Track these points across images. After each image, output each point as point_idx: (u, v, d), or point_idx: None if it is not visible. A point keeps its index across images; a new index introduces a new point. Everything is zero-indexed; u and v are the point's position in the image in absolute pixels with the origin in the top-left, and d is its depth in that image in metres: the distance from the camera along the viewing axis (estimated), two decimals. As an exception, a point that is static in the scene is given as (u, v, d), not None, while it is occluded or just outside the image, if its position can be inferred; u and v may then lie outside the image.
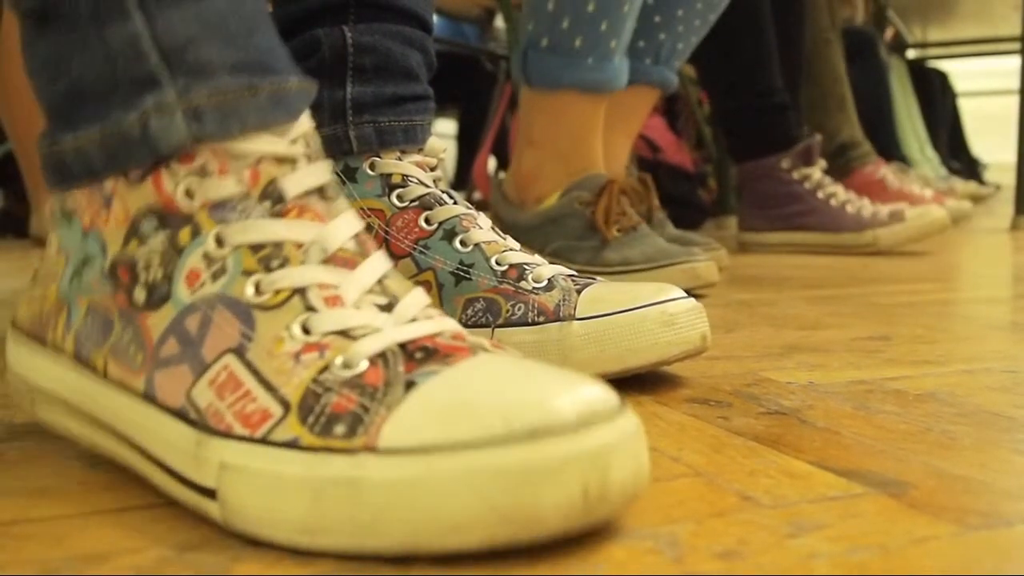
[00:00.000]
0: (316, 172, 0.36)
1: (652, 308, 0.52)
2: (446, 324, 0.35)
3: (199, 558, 0.30)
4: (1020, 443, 0.42)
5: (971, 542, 0.31)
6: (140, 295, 0.35)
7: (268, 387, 0.32)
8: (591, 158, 1.00)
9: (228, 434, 0.32)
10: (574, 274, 0.56)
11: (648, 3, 1.09)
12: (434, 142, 0.61)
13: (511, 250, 0.57)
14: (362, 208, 0.57)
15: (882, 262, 1.34)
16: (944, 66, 4.03)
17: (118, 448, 0.36)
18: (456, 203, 0.58)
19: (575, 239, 0.95)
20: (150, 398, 0.34)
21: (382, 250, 0.37)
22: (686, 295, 0.54)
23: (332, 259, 0.35)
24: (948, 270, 1.27)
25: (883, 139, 2.57)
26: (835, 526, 0.32)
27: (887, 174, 1.90)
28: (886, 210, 1.49)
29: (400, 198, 0.57)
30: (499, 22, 2.73)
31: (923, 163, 3.18)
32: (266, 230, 0.34)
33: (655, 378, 0.55)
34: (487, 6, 2.74)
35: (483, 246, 0.56)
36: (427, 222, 0.57)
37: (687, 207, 1.88)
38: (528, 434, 0.28)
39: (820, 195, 1.52)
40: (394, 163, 0.58)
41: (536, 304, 0.53)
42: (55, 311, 0.39)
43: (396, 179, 0.58)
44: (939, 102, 3.68)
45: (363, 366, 0.32)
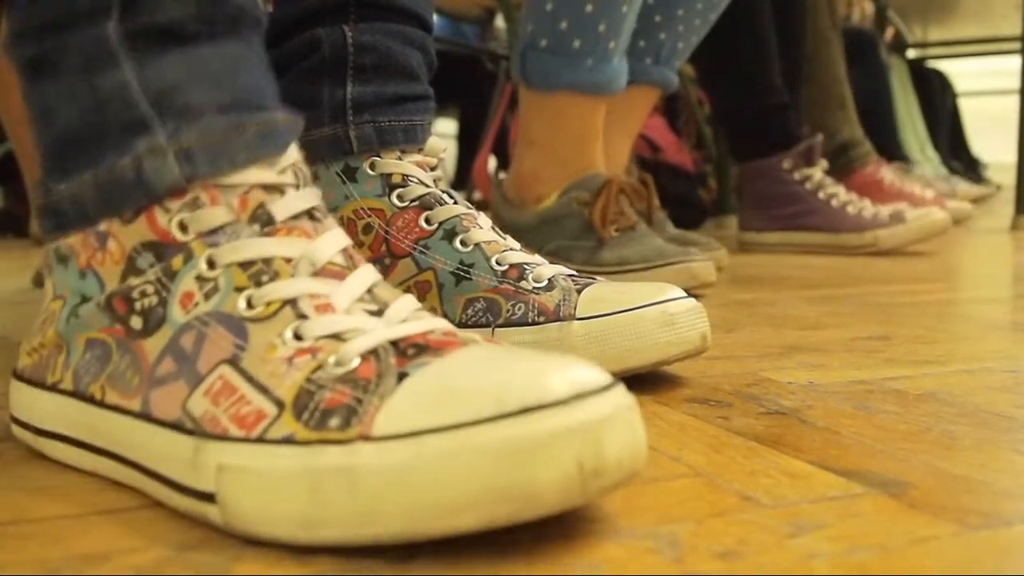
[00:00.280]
0: (304, 197, 0.37)
1: (652, 308, 0.52)
2: (437, 323, 0.35)
3: (199, 558, 0.30)
4: (1020, 443, 0.42)
5: (971, 542, 0.31)
6: (137, 323, 0.36)
7: (262, 390, 0.32)
8: (590, 159, 1.00)
9: (224, 437, 0.32)
10: (574, 274, 0.56)
11: (648, 3, 1.09)
12: (434, 142, 0.61)
13: (511, 250, 0.57)
14: (362, 208, 0.57)
15: (882, 262, 1.34)
16: (944, 66, 4.03)
17: (118, 470, 0.36)
18: (456, 203, 0.58)
19: (572, 239, 0.95)
20: (146, 416, 0.35)
21: (370, 264, 0.38)
22: (686, 295, 0.54)
23: (321, 272, 0.35)
24: (948, 270, 1.27)
25: (884, 139, 2.57)
26: (835, 526, 0.32)
27: (887, 174, 1.90)
28: (887, 211, 1.49)
29: (400, 198, 0.57)
30: (499, 22, 2.73)
31: (923, 163, 3.18)
32: (255, 248, 0.35)
33: (655, 378, 0.55)
34: (487, 6, 2.74)
35: (483, 246, 0.56)
36: (427, 222, 0.57)
37: (687, 207, 1.88)
38: (520, 410, 0.28)
39: (821, 196, 1.52)
40: (394, 163, 0.58)
41: (536, 304, 0.53)
42: (54, 352, 0.39)
43: (396, 179, 0.58)
44: (939, 102, 3.68)
45: (356, 363, 0.32)
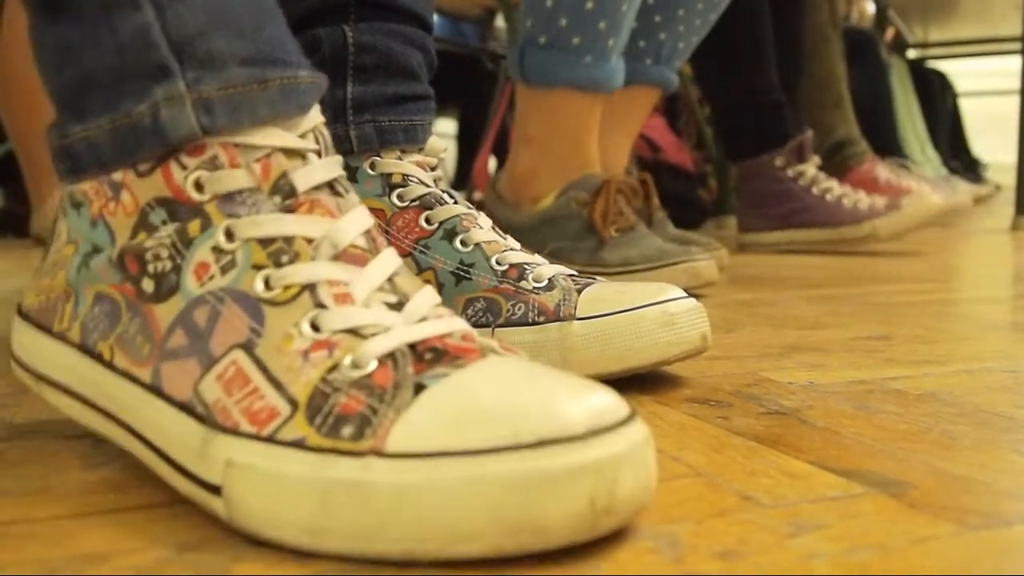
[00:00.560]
0: (327, 166, 0.36)
1: (652, 308, 0.52)
2: (456, 324, 0.34)
3: (199, 558, 0.30)
4: (1020, 443, 0.42)
5: (971, 542, 0.31)
6: (148, 285, 0.35)
7: (276, 385, 0.32)
8: (587, 157, 0.99)
9: (235, 431, 0.31)
10: (575, 274, 0.56)
11: (648, 3, 1.09)
12: (434, 142, 0.61)
13: (511, 250, 0.57)
14: (362, 208, 0.57)
15: (882, 262, 1.35)
16: (945, 66, 4.03)
17: (123, 437, 0.36)
18: (456, 203, 0.58)
19: (573, 240, 0.95)
20: (156, 389, 0.34)
21: (392, 248, 0.37)
22: (686, 295, 0.54)
23: (342, 255, 0.34)
24: (948, 270, 1.27)
25: (884, 139, 2.57)
26: (835, 526, 0.32)
27: (883, 172, 1.90)
28: (882, 201, 1.50)
29: (400, 198, 0.57)
30: (500, 21, 2.73)
31: (924, 163, 3.18)
32: (277, 225, 0.34)
33: (655, 378, 0.55)
34: (487, 6, 2.74)
35: (483, 246, 0.56)
36: (427, 222, 0.57)
37: (687, 207, 1.89)
38: (536, 443, 0.28)
39: (815, 191, 1.52)
40: (394, 163, 0.58)
41: (536, 304, 0.53)
42: (62, 298, 0.39)
43: (396, 179, 0.58)
44: (939, 102, 3.69)
45: (372, 366, 0.31)
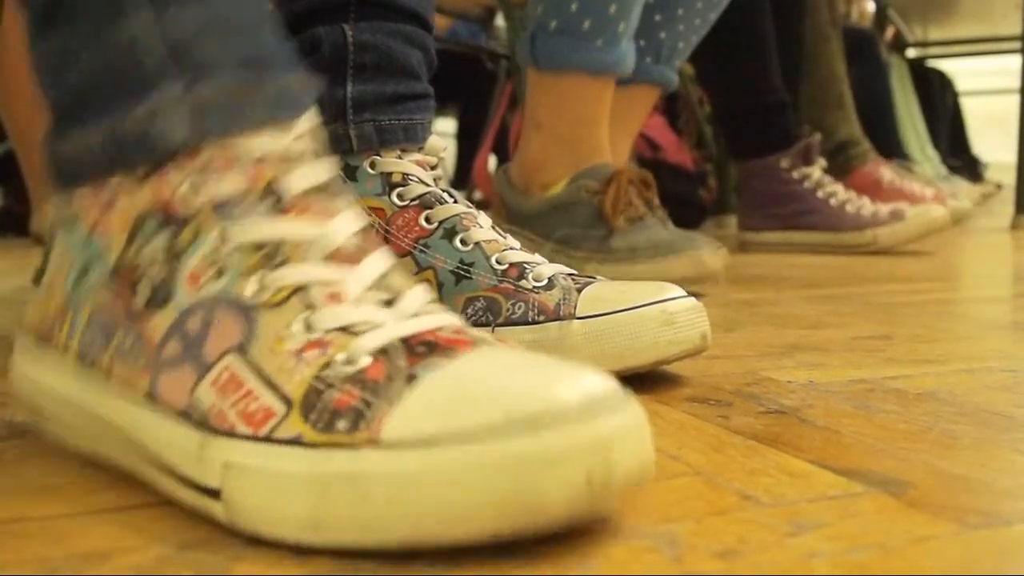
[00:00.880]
0: (319, 169, 0.36)
1: (652, 307, 0.52)
2: (447, 319, 0.34)
3: (199, 557, 0.30)
4: (1020, 442, 0.42)
5: (971, 541, 0.31)
6: (142, 299, 0.35)
7: (270, 385, 0.32)
8: (597, 144, 1.00)
9: (231, 434, 0.31)
10: (575, 273, 0.56)
11: (649, 2, 1.09)
12: (434, 141, 0.61)
13: (511, 249, 0.57)
14: (362, 207, 0.57)
15: (882, 261, 1.34)
16: (945, 65, 4.03)
17: (121, 455, 0.36)
18: (456, 202, 0.58)
19: (582, 227, 0.95)
20: (153, 401, 0.34)
21: (385, 247, 0.37)
22: (686, 294, 0.54)
23: (334, 256, 0.34)
24: (948, 269, 1.27)
25: (884, 138, 2.57)
26: (835, 525, 0.32)
27: (887, 173, 1.90)
28: (886, 209, 1.49)
29: (400, 197, 0.57)
30: (500, 21, 2.73)
31: (924, 162, 3.18)
32: (267, 229, 0.34)
33: (655, 377, 0.55)
34: (488, 5, 2.74)
35: (483, 245, 0.56)
36: (427, 221, 0.57)
37: (687, 206, 1.88)
38: (530, 423, 0.28)
39: (820, 194, 1.52)
40: (394, 162, 0.58)
41: (536, 303, 0.53)
42: (60, 313, 0.39)
43: (396, 178, 0.58)
44: (939, 101, 3.68)
45: (365, 361, 0.31)
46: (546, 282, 0.54)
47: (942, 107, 3.72)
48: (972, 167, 3.88)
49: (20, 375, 0.41)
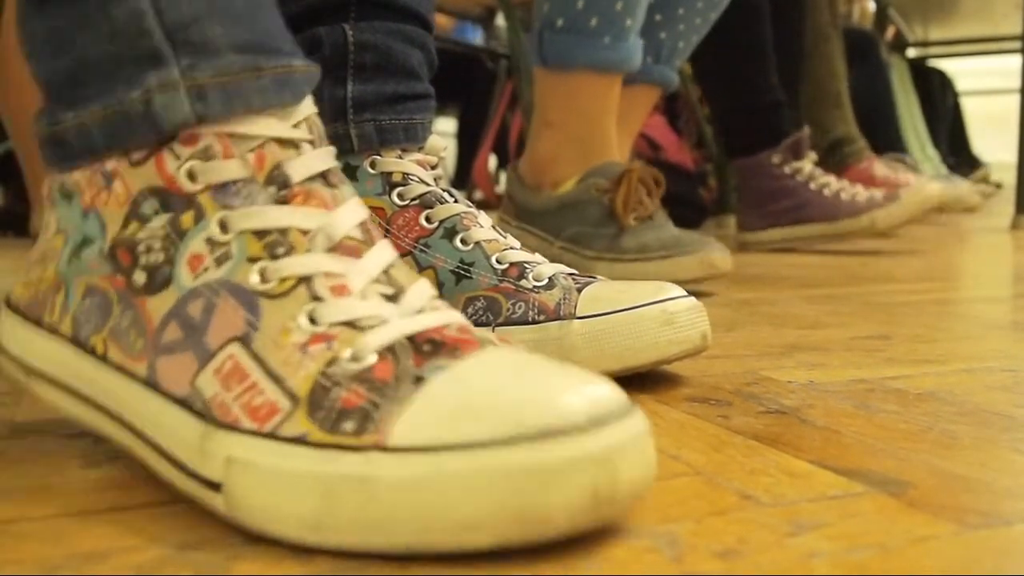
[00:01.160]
0: (321, 157, 0.36)
1: (652, 307, 0.52)
2: (452, 316, 0.34)
3: (199, 557, 0.30)
4: (1020, 442, 0.42)
5: (971, 541, 0.31)
6: (140, 278, 0.35)
7: (275, 379, 0.32)
8: (606, 141, 1.00)
9: (235, 427, 0.31)
10: (575, 273, 0.56)
11: (650, 2, 1.09)
12: (435, 140, 0.61)
13: (511, 248, 0.57)
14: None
15: (882, 261, 1.35)
16: (945, 65, 4.03)
17: (118, 433, 0.36)
18: (457, 201, 0.58)
19: (592, 226, 0.95)
20: (152, 385, 0.34)
21: (387, 239, 0.37)
22: (686, 294, 0.54)
23: (338, 247, 0.34)
24: (948, 269, 1.27)
25: (885, 138, 2.57)
26: (835, 525, 0.32)
27: (880, 168, 1.91)
28: (880, 193, 1.50)
29: (401, 196, 0.57)
30: (499, 21, 2.73)
31: (924, 162, 3.18)
32: (272, 217, 0.34)
33: (655, 377, 0.55)
34: (488, 5, 2.74)
35: (484, 244, 0.56)
36: (428, 220, 0.57)
37: (687, 206, 1.88)
38: (538, 434, 0.28)
39: (813, 186, 1.52)
40: (395, 161, 0.58)
41: (536, 303, 0.53)
42: (52, 291, 0.38)
43: (397, 177, 0.58)
44: (940, 101, 3.68)
45: (372, 359, 0.31)
46: (546, 282, 0.54)
47: (942, 107, 3.72)
48: (971, 167, 3.88)
49: (11, 348, 0.40)
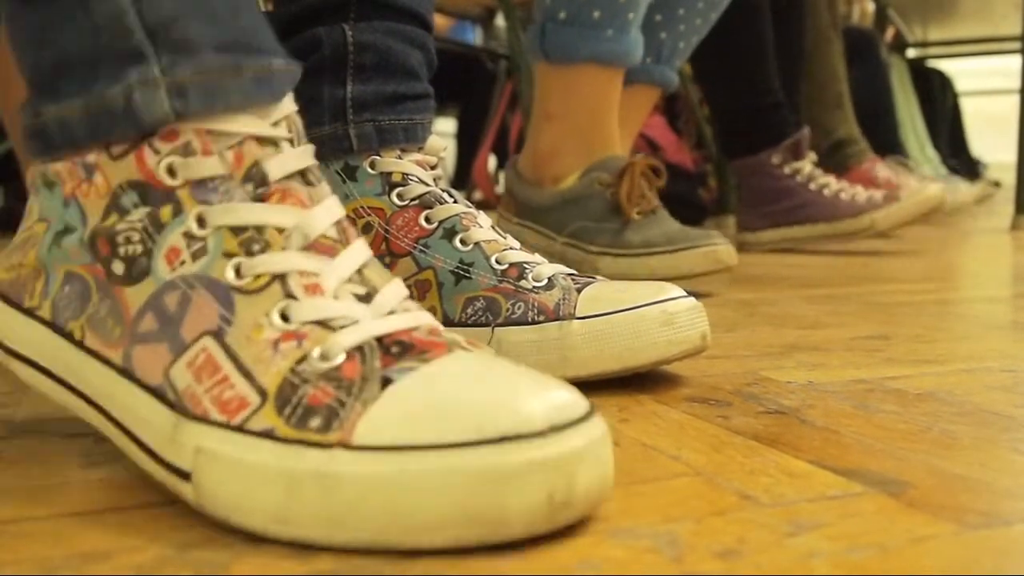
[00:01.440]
0: (299, 155, 0.36)
1: (652, 307, 0.52)
2: (422, 318, 0.35)
3: (199, 556, 0.30)
4: (1019, 442, 0.42)
5: (970, 541, 0.31)
6: (119, 267, 0.35)
7: (246, 374, 0.32)
8: (608, 135, 1.00)
9: (205, 419, 0.32)
10: (574, 273, 0.56)
11: (650, 2, 1.09)
12: (434, 141, 0.61)
13: (511, 249, 0.57)
14: (362, 207, 0.57)
15: (882, 262, 1.35)
16: (945, 65, 4.03)
17: (95, 417, 0.37)
18: (456, 202, 0.58)
19: (596, 220, 0.95)
20: (128, 373, 0.35)
21: (362, 239, 0.37)
22: (686, 294, 0.54)
23: (313, 246, 0.35)
24: (948, 270, 1.27)
25: (884, 138, 2.57)
26: (834, 525, 0.32)
27: (882, 170, 1.90)
28: (880, 194, 1.50)
29: (400, 197, 0.57)
30: (499, 21, 2.73)
31: (923, 163, 3.18)
32: (248, 213, 0.35)
33: (655, 377, 0.55)
34: (488, 5, 2.74)
35: (483, 245, 0.56)
36: (427, 221, 0.57)
37: (687, 206, 1.88)
38: (498, 438, 0.29)
39: (813, 187, 1.52)
40: (394, 161, 0.58)
41: (536, 303, 0.53)
42: (33, 276, 0.39)
43: (396, 178, 0.58)
44: (939, 101, 3.68)
45: (340, 358, 0.32)
46: (546, 282, 0.54)
47: (942, 107, 3.72)
48: (972, 168, 3.88)
49: None
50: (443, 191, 0.58)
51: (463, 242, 0.56)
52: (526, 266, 0.55)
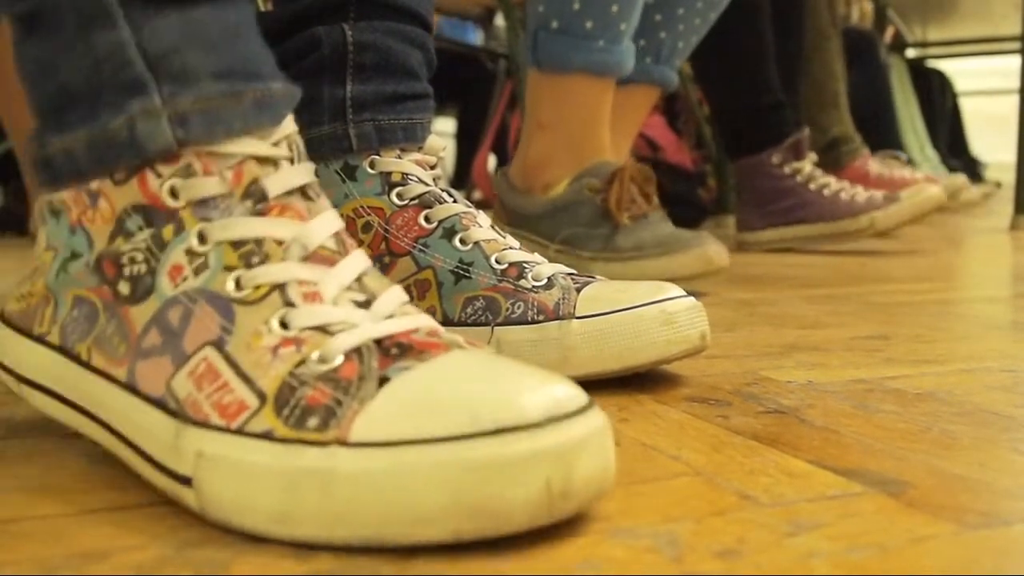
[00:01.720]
0: (299, 172, 0.37)
1: (651, 307, 0.52)
2: (422, 321, 0.35)
3: (199, 556, 0.30)
4: (1019, 442, 0.42)
5: (970, 541, 0.31)
6: (124, 288, 0.36)
7: (245, 379, 0.33)
8: (599, 144, 1.00)
9: (205, 424, 0.32)
10: (574, 273, 0.56)
11: (649, 2, 1.09)
12: (434, 140, 0.61)
13: (511, 248, 0.57)
14: (362, 206, 0.57)
15: (882, 261, 1.35)
16: (944, 66, 4.03)
17: (101, 435, 0.37)
18: (456, 201, 0.58)
19: (586, 226, 0.95)
20: (132, 387, 0.35)
21: (361, 249, 0.38)
22: (686, 294, 0.54)
23: (312, 257, 0.35)
24: (948, 270, 1.27)
25: (884, 138, 2.57)
26: (834, 525, 0.32)
27: (874, 166, 1.92)
28: (880, 194, 1.50)
29: (400, 196, 0.57)
30: (500, 20, 2.73)
31: (923, 163, 3.18)
32: (247, 227, 0.35)
33: (655, 377, 0.55)
34: (488, 5, 2.74)
35: (483, 244, 0.56)
36: (427, 220, 0.57)
37: (687, 206, 1.88)
38: (494, 430, 0.29)
39: (812, 187, 1.52)
40: (394, 161, 0.58)
41: (536, 303, 0.53)
42: (42, 304, 0.39)
43: (396, 177, 0.58)
44: (939, 101, 3.69)
45: (339, 360, 0.32)
46: (545, 281, 0.54)
47: (941, 107, 3.72)
48: (971, 168, 3.88)
49: (3, 352, 0.41)
50: (443, 191, 0.58)
51: (463, 241, 0.56)
52: (526, 266, 0.55)
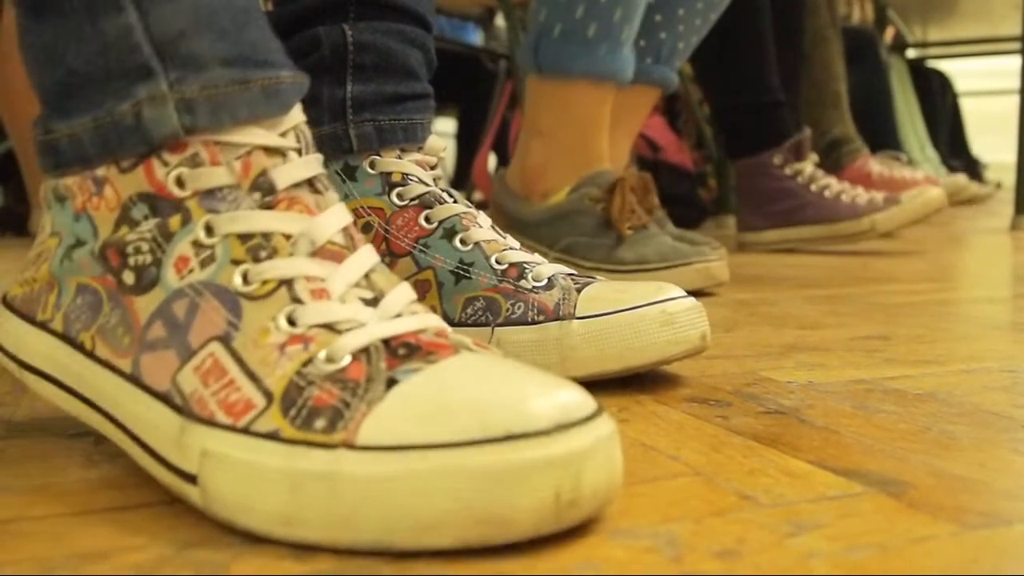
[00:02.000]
0: (307, 164, 0.37)
1: (652, 307, 0.52)
2: (430, 321, 0.35)
3: (199, 556, 0.30)
4: (1019, 443, 0.42)
5: (970, 541, 0.31)
6: (129, 278, 0.36)
7: (252, 377, 0.32)
8: (598, 151, 1.00)
9: (211, 422, 0.32)
10: (574, 273, 0.56)
11: (649, 2, 1.09)
12: (434, 141, 0.61)
13: (511, 249, 0.57)
14: (362, 206, 0.57)
15: (882, 262, 1.35)
16: (944, 66, 4.03)
17: (104, 425, 0.37)
18: (456, 202, 0.58)
19: (588, 236, 0.95)
20: (136, 380, 0.35)
21: (370, 244, 0.37)
22: (685, 294, 0.54)
23: (320, 252, 0.35)
24: (948, 270, 1.27)
25: (884, 139, 2.58)
26: (834, 525, 0.32)
27: (875, 166, 1.92)
28: (881, 196, 1.50)
29: (400, 196, 0.57)
30: (500, 21, 2.73)
31: (923, 163, 3.18)
32: (255, 221, 0.35)
33: (655, 377, 0.55)
34: (488, 5, 2.74)
35: (483, 245, 0.56)
36: (427, 220, 0.57)
37: (687, 206, 1.89)
38: (503, 437, 0.28)
39: (813, 188, 1.52)
40: (394, 161, 0.58)
41: (536, 303, 0.53)
42: (46, 290, 0.39)
43: (396, 177, 0.58)
44: (939, 102, 3.69)
45: (346, 361, 0.32)
46: (546, 282, 0.54)
47: (942, 108, 3.72)
48: (971, 168, 3.88)
49: (4, 343, 0.41)
50: (443, 191, 0.58)
51: (463, 242, 0.56)
52: (526, 266, 0.55)
